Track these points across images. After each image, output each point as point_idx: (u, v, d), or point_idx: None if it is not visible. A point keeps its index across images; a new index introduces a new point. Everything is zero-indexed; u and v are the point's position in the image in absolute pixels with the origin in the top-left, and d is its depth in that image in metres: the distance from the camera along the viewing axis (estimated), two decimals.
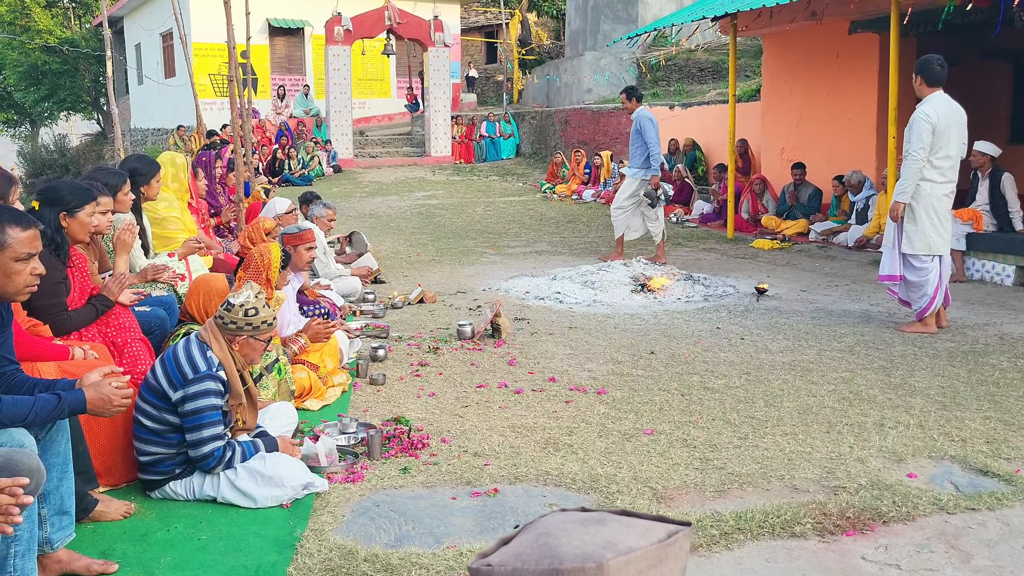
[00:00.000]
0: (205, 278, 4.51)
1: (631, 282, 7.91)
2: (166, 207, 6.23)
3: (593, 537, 1.05)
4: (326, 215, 7.91)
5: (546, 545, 1.04)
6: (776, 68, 12.53)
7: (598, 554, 1.02)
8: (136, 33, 26.68)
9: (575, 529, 1.07)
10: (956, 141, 6.04)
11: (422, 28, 20.07)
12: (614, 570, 1.01)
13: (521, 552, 1.06)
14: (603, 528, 1.07)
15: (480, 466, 3.85)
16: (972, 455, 3.87)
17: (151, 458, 3.48)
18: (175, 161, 6.63)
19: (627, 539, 1.05)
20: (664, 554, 1.06)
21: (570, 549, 1.03)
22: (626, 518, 1.13)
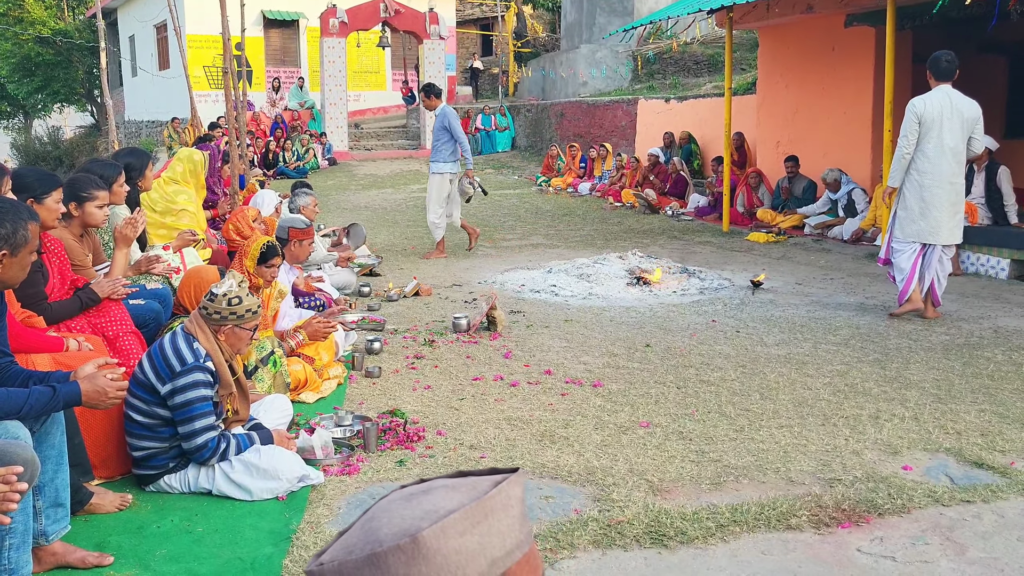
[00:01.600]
0: (197, 270, 4.50)
1: (627, 275, 7.91)
2: (186, 200, 6.24)
3: (414, 510, 1.00)
4: (310, 203, 7.90)
5: (369, 530, 1.00)
6: (772, 61, 12.52)
7: (414, 526, 0.97)
8: (130, 24, 26.55)
9: (397, 506, 1.01)
10: (950, 133, 6.07)
11: (417, 20, 20.02)
12: (431, 539, 0.96)
13: (349, 543, 1.01)
14: (426, 497, 1.01)
15: (476, 459, 3.84)
16: (967, 448, 3.88)
17: (144, 453, 3.47)
18: (192, 157, 6.63)
19: (448, 503, 1.00)
20: (487, 507, 1.00)
21: (389, 529, 0.98)
22: (455, 480, 1.06)
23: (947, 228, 6.23)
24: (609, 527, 3.17)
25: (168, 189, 6.15)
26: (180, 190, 6.15)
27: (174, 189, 6.18)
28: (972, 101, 6.18)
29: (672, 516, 3.22)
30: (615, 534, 3.12)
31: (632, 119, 16.48)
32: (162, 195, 6.05)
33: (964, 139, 6.13)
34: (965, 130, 6.12)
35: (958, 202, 6.27)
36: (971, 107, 6.13)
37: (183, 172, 6.39)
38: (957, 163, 6.17)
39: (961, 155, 6.17)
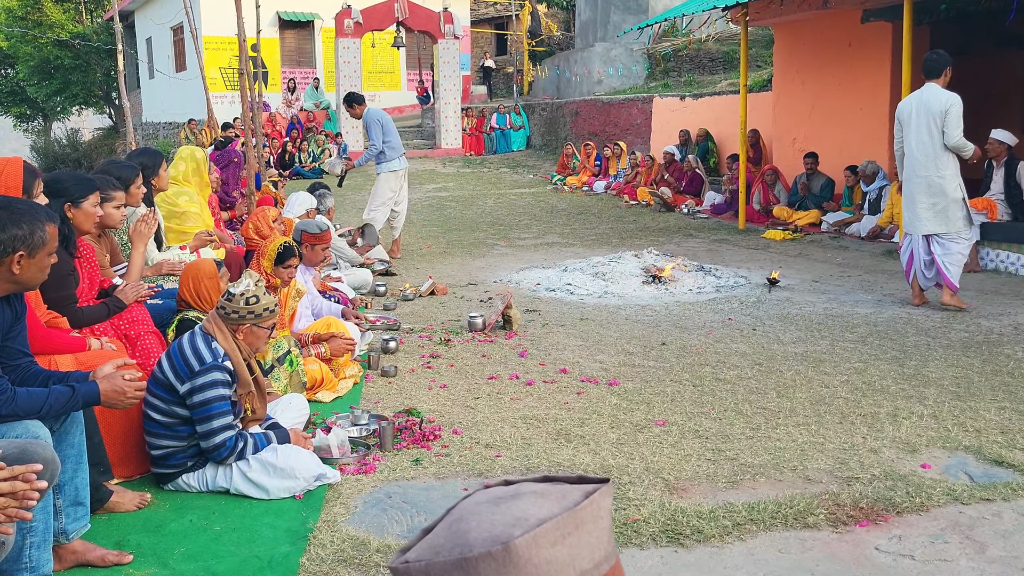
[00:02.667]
0: (194, 263, 4.52)
1: (642, 273, 7.89)
2: (187, 201, 6.25)
3: (503, 516, 0.99)
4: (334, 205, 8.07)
5: (457, 532, 0.99)
6: (787, 58, 12.46)
7: (506, 533, 0.96)
8: (147, 27, 26.74)
9: (486, 510, 1.01)
10: (917, 128, 6.41)
11: (432, 20, 20.03)
12: (523, 548, 0.96)
13: (435, 543, 1.00)
14: (515, 503, 1.01)
15: (492, 457, 3.85)
16: (986, 446, 3.85)
17: (163, 451, 3.50)
18: (195, 155, 6.64)
19: (539, 511, 0.99)
20: (579, 518, 0.99)
21: (479, 533, 0.97)
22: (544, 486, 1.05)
23: (923, 219, 6.47)
24: (625, 525, 3.16)
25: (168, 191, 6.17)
26: (180, 191, 6.14)
27: (175, 191, 6.19)
28: (945, 96, 6.30)
29: (688, 514, 3.21)
30: (631, 532, 3.12)
31: (647, 117, 16.44)
32: (163, 198, 6.06)
33: (931, 134, 6.35)
34: (934, 125, 6.33)
35: (933, 194, 6.42)
36: (939, 101, 6.30)
37: (185, 171, 6.39)
38: (925, 156, 6.41)
39: (928, 148, 6.37)
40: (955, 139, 6.29)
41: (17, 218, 2.71)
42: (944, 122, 6.28)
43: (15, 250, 2.69)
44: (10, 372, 2.79)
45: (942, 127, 6.29)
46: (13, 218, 2.71)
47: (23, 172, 3.42)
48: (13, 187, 3.35)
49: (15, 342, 2.86)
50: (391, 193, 9.32)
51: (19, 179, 3.38)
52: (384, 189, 9.27)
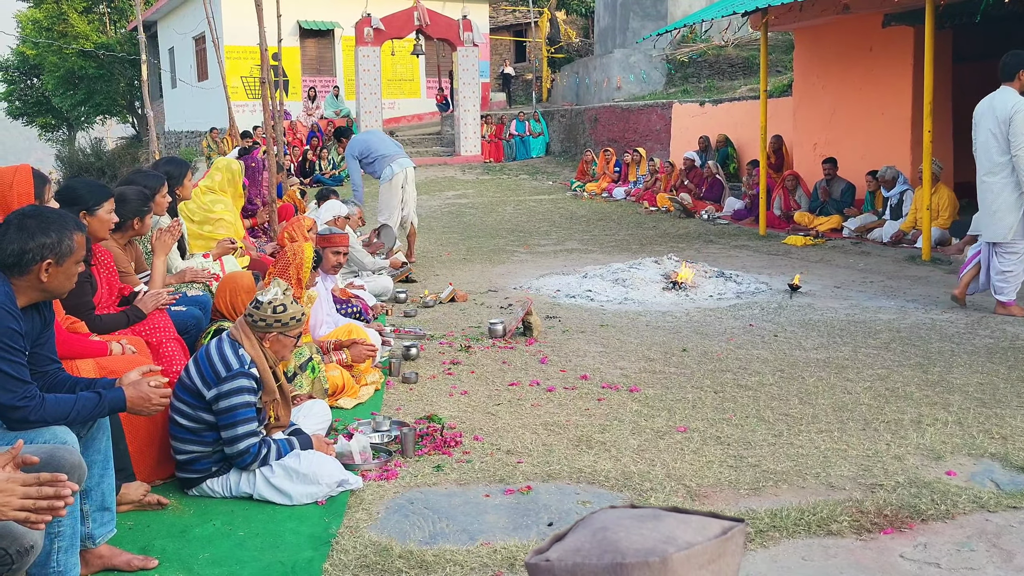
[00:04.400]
0: (231, 276, 4.58)
1: (662, 280, 7.87)
2: (223, 209, 6.33)
3: (652, 532, 1.06)
4: (356, 213, 8.10)
5: (605, 540, 1.05)
6: (808, 63, 12.41)
7: (660, 548, 1.03)
8: (169, 37, 27.03)
9: (632, 524, 1.07)
10: (982, 132, 6.37)
11: (451, 28, 20.12)
12: (678, 564, 1.02)
13: (580, 547, 1.06)
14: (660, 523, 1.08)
15: (513, 464, 3.85)
16: (1013, 453, 3.81)
17: (188, 456, 3.53)
18: (231, 167, 6.73)
19: (685, 534, 1.07)
20: (723, 549, 1.07)
21: (630, 544, 1.04)
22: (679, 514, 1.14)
23: (984, 224, 6.49)
24: None
25: (205, 199, 6.25)
26: (217, 199, 6.24)
27: (211, 199, 6.28)
28: (1013, 101, 6.19)
29: None
30: None
31: (667, 123, 16.42)
32: (199, 204, 6.15)
33: (996, 138, 6.25)
34: (998, 129, 6.23)
35: (992, 201, 6.35)
36: (1003, 106, 6.20)
37: (221, 181, 6.49)
38: (989, 161, 6.34)
39: (993, 153, 6.28)
40: (1020, 147, 6.12)
41: (46, 226, 2.75)
42: (1009, 129, 6.14)
43: (43, 258, 2.73)
44: (39, 379, 2.83)
45: (1006, 133, 6.16)
46: (42, 226, 2.75)
47: (33, 178, 3.46)
48: (24, 194, 3.39)
49: (44, 349, 2.90)
50: (394, 200, 9.40)
51: (30, 186, 3.42)
52: (387, 198, 9.38)
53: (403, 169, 9.40)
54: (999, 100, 6.25)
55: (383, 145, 9.56)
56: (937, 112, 8.63)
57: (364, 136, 9.88)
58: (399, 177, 9.38)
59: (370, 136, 9.84)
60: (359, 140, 9.75)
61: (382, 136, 9.92)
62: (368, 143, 9.57)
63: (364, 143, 9.59)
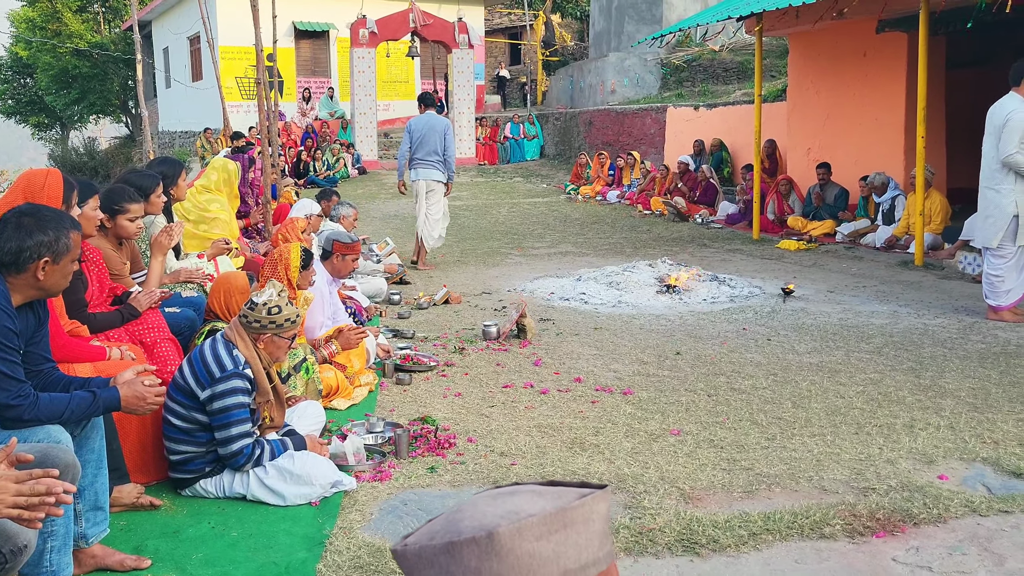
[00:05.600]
0: (226, 276, 4.57)
1: (656, 283, 7.89)
2: (218, 208, 6.32)
3: (497, 508, 1.03)
4: (351, 215, 8.09)
5: (452, 520, 1.04)
6: (802, 68, 12.45)
7: (493, 523, 1.00)
8: (164, 37, 26.98)
9: (484, 502, 1.05)
10: (987, 139, 6.35)
11: (446, 30, 20.13)
12: (505, 537, 0.99)
13: (433, 530, 1.06)
14: (511, 499, 1.04)
15: (507, 465, 3.86)
16: (1005, 457, 3.83)
17: (181, 457, 3.53)
18: (227, 167, 6.72)
19: (531, 507, 1.02)
20: (568, 518, 1.01)
21: (471, 522, 1.01)
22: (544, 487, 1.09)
23: (977, 228, 6.61)
24: (640, 534, 3.16)
25: (201, 198, 6.24)
26: (213, 199, 6.24)
27: (207, 198, 6.27)
28: (1008, 107, 6.24)
29: (704, 524, 3.21)
30: (646, 541, 3.12)
31: (661, 127, 16.45)
32: (195, 204, 6.15)
33: (994, 145, 6.28)
34: (996, 136, 6.26)
35: (988, 206, 6.40)
36: (1000, 113, 6.26)
37: (217, 181, 6.48)
38: (988, 167, 6.36)
39: (991, 159, 6.30)
40: (1005, 153, 6.16)
41: (43, 225, 2.76)
42: (1001, 134, 6.17)
43: (40, 256, 2.73)
44: (33, 377, 2.83)
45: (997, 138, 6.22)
46: (40, 225, 2.75)
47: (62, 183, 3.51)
48: (54, 197, 3.43)
49: (38, 347, 2.90)
50: (417, 203, 9.48)
51: (59, 189, 3.48)
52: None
53: (420, 179, 9.39)
54: (998, 107, 6.29)
55: (424, 143, 9.30)
56: (930, 118, 8.67)
57: (422, 123, 9.41)
58: (419, 185, 9.40)
59: (426, 127, 9.34)
60: (417, 125, 9.41)
61: (432, 132, 9.29)
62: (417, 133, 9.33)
63: (418, 131, 9.34)
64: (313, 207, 7.45)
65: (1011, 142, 6.15)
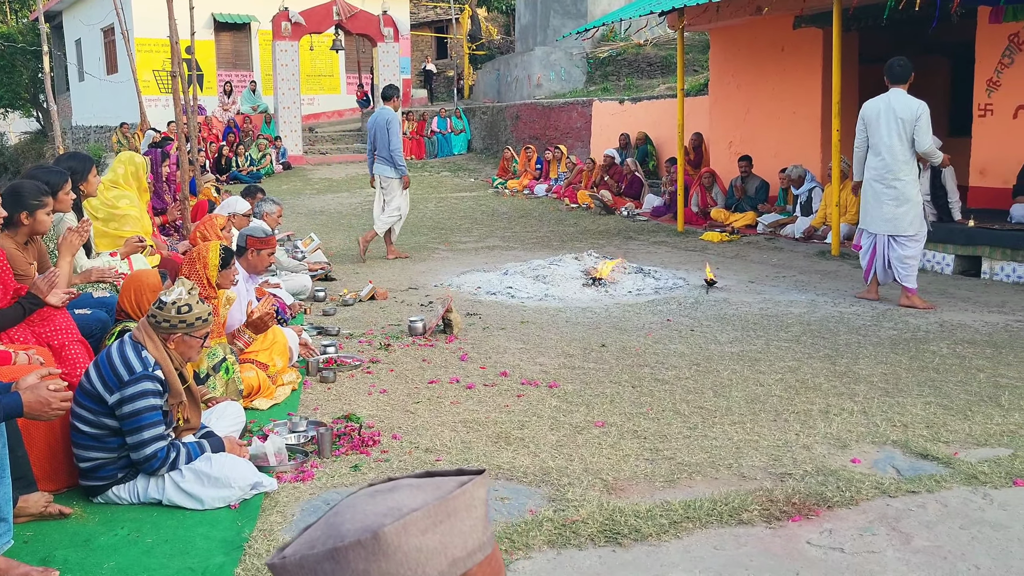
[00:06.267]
0: (136, 274, 4.43)
1: (582, 276, 7.95)
2: (128, 204, 6.12)
3: (377, 507, 1.01)
4: (275, 211, 7.94)
5: (332, 525, 1.02)
6: (723, 62, 12.68)
7: (376, 523, 0.98)
8: (76, 28, 26.04)
9: (362, 502, 1.03)
10: (885, 132, 6.54)
11: (371, 23, 19.91)
12: (392, 536, 0.97)
13: (312, 537, 1.02)
14: (391, 495, 1.03)
15: (431, 462, 3.84)
16: (913, 439, 3.97)
17: (92, 463, 3.40)
18: (134, 160, 6.51)
19: (413, 501, 1.01)
20: (451, 507, 1.01)
21: (352, 524, 0.99)
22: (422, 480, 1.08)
23: (888, 220, 6.67)
24: (564, 526, 3.18)
25: (109, 194, 6.03)
26: (122, 194, 6.03)
27: (115, 194, 6.07)
28: (916, 103, 6.49)
29: (626, 514, 3.24)
30: (570, 533, 3.14)
31: (587, 120, 16.58)
32: (103, 201, 5.94)
33: (901, 138, 6.51)
34: (904, 130, 6.49)
35: (897, 197, 6.61)
36: (909, 108, 6.49)
37: (125, 174, 6.27)
38: (894, 160, 6.56)
39: (898, 152, 6.54)
40: (927, 145, 6.49)
41: None
42: (915, 129, 6.46)
43: None
44: None
45: (911, 133, 6.47)
46: None
47: None
48: None
49: None
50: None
51: None
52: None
53: (376, 174, 9.63)
54: (899, 102, 6.50)
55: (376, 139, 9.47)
56: (845, 111, 8.91)
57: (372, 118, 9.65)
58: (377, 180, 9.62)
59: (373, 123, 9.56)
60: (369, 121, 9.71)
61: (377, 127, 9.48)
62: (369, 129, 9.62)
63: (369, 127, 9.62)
64: (240, 205, 7.28)
65: (928, 135, 6.48)
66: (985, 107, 9.26)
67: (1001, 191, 8.83)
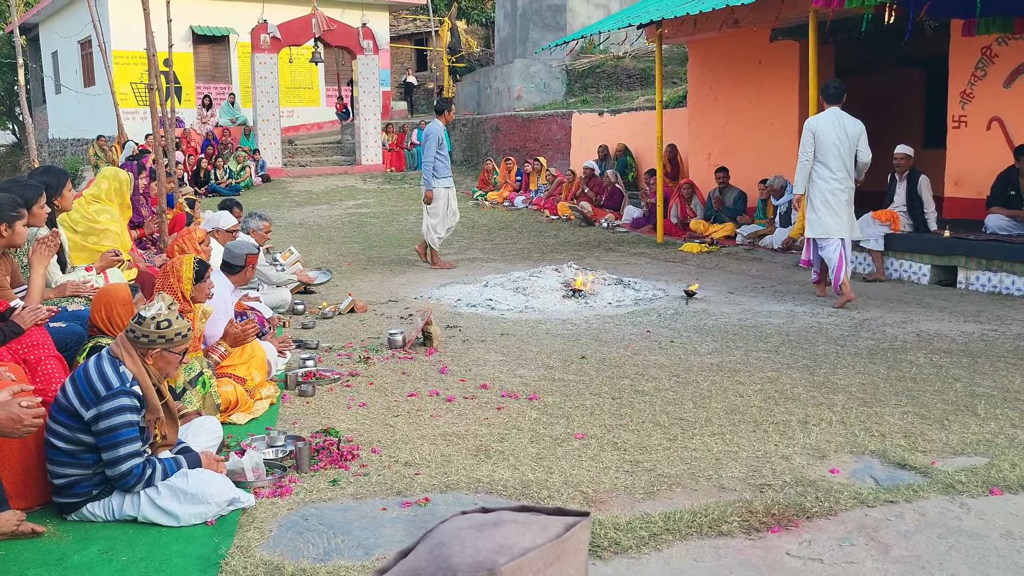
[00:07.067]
0: (107, 288, 4.39)
1: (562, 288, 7.95)
2: (108, 219, 6.07)
3: (487, 542, 1.02)
4: (262, 227, 7.77)
5: (440, 556, 1.02)
6: (701, 75, 12.78)
7: (490, 560, 0.99)
8: (52, 40, 25.86)
9: (469, 536, 1.04)
10: (835, 146, 7.18)
11: (350, 36, 19.91)
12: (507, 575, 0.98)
13: (416, 565, 1.03)
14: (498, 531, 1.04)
15: (411, 476, 3.81)
16: (891, 449, 3.99)
17: (66, 480, 3.36)
18: (118, 176, 6.47)
19: (522, 540, 1.02)
20: (561, 550, 1.03)
21: (463, 559, 1.00)
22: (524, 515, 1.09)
23: (848, 225, 7.31)
24: None
25: (90, 208, 5.99)
26: (103, 209, 5.99)
27: (96, 208, 6.02)
28: (859, 122, 7.25)
29: (606, 526, 3.24)
30: None
31: (567, 132, 16.64)
32: (83, 215, 5.89)
33: (848, 152, 7.22)
34: (852, 145, 7.21)
35: (850, 204, 7.32)
36: (855, 126, 7.23)
37: (108, 190, 6.24)
38: (847, 173, 7.25)
39: (847, 164, 7.23)
40: (870, 156, 7.26)
41: None
42: (859, 144, 7.21)
43: None
44: None
45: (855, 147, 7.21)
46: None
47: None
48: None
49: None
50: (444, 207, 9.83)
51: None
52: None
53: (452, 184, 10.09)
54: (846, 120, 7.21)
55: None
56: None
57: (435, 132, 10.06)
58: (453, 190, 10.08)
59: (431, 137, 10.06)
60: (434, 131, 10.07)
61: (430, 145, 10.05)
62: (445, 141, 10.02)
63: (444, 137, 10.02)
64: (225, 220, 7.18)
65: (868, 148, 7.25)
66: (959, 119, 9.38)
67: (976, 201, 8.93)
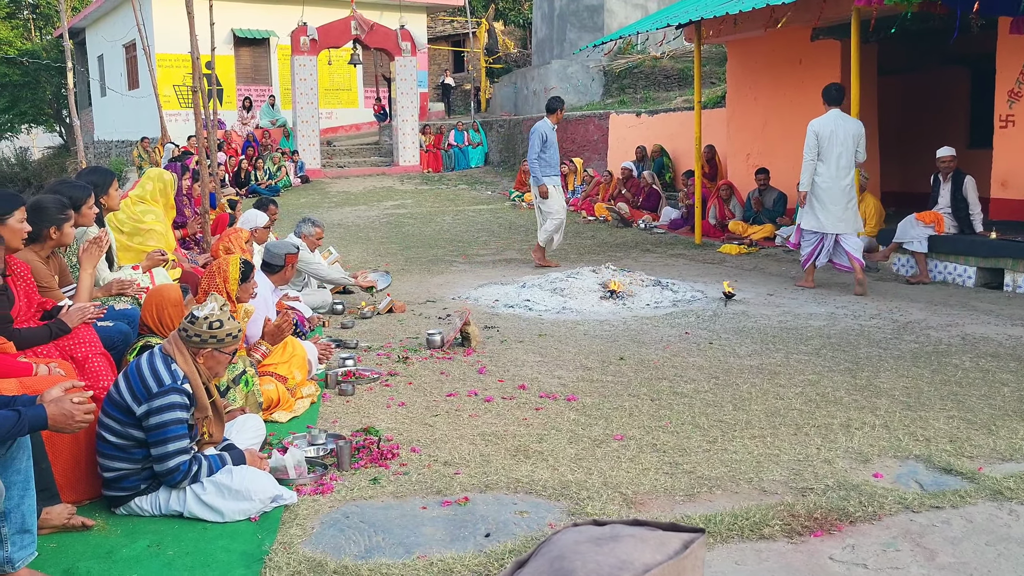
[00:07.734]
0: (158, 289, 4.47)
1: (600, 288, 7.93)
2: (153, 219, 6.19)
3: (608, 557, 1.03)
4: (315, 233, 7.63)
5: (561, 570, 1.03)
6: (740, 75, 12.67)
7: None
8: (98, 44, 26.38)
9: (589, 550, 1.04)
10: (836, 146, 7.76)
11: (389, 37, 20.05)
12: None
13: None
14: (617, 546, 1.05)
15: (450, 475, 3.83)
16: (936, 454, 3.93)
17: (115, 474, 3.43)
18: (163, 177, 6.59)
19: (642, 556, 1.04)
20: (681, 567, 1.05)
21: (586, 573, 1.01)
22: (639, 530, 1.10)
23: (846, 221, 7.87)
24: None
25: (136, 209, 6.11)
26: (148, 209, 6.11)
27: (142, 209, 6.14)
28: (859, 122, 7.87)
29: None
30: None
31: (604, 133, 16.59)
32: (129, 215, 6.01)
33: (850, 151, 7.79)
34: (852, 144, 7.76)
35: (848, 198, 7.86)
36: (856, 126, 7.84)
37: (152, 191, 6.35)
38: (849, 171, 7.82)
39: (850, 163, 7.81)
40: (864, 158, 7.93)
41: None
42: (858, 143, 7.80)
43: None
44: None
45: (856, 147, 7.79)
46: None
47: None
48: None
49: None
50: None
51: None
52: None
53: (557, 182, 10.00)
54: (847, 121, 7.81)
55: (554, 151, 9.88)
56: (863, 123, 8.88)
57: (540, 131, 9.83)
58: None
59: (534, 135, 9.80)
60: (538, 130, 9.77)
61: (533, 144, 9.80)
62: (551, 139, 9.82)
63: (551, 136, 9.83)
64: (260, 219, 7.28)
65: (865, 151, 7.91)
66: (1006, 118, 9.19)
67: (1023, 203, 8.75)
